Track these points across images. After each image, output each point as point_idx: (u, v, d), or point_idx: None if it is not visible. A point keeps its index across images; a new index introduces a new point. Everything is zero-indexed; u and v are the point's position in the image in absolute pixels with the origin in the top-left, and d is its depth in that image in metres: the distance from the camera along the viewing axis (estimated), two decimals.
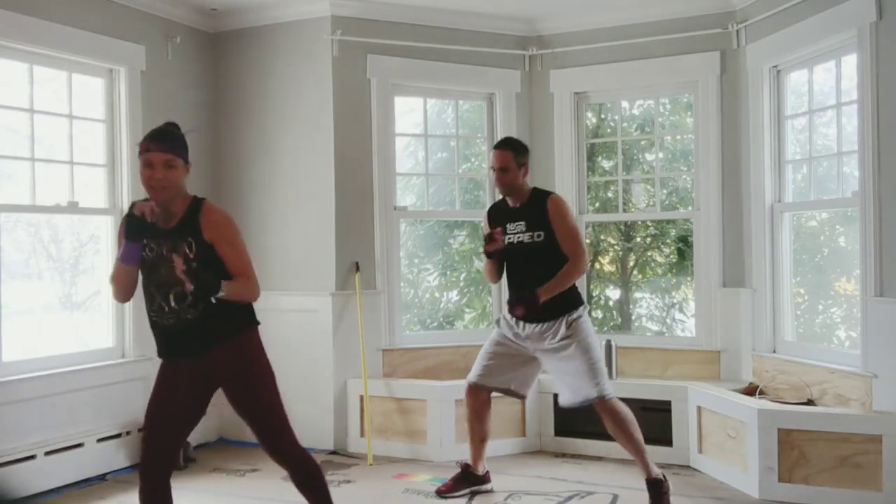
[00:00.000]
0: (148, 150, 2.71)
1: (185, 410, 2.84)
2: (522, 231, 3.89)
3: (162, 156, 2.70)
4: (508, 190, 3.95)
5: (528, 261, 3.88)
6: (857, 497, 3.76)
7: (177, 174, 2.74)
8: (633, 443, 3.81)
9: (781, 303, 4.66)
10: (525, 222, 3.89)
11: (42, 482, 4.09)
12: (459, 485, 4.06)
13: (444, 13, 5.10)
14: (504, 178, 3.91)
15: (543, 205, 3.89)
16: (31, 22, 4.13)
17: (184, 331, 2.75)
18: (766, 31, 4.63)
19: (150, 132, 2.79)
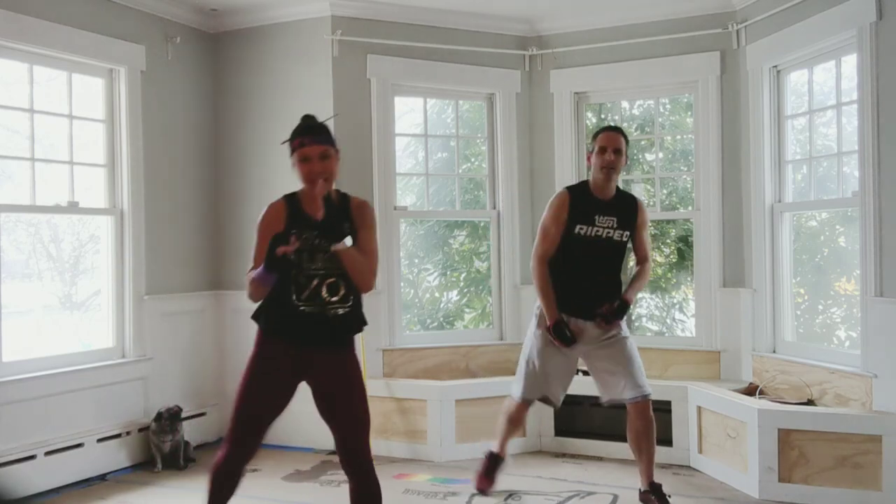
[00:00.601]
0: (302, 144, 2.74)
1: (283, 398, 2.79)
2: (613, 227, 3.82)
3: (318, 148, 2.73)
4: (612, 174, 3.80)
5: (608, 257, 3.84)
6: (857, 497, 3.76)
7: (333, 164, 2.76)
8: (652, 445, 3.83)
9: (781, 303, 4.66)
10: (617, 219, 3.82)
11: (42, 482, 4.09)
12: (493, 473, 4.10)
13: (444, 13, 5.10)
14: (616, 161, 3.77)
15: (635, 207, 3.89)
16: (31, 22, 4.13)
17: (328, 323, 2.74)
18: (766, 31, 4.63)
19: (298, 127, 2.80)
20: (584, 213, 3.80)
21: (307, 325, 2.74)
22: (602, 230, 3.81)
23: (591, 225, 3.80)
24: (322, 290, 2.72)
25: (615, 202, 3.85)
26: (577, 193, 3.88)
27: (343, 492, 4.16)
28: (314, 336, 2.76)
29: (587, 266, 3.82)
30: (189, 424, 4.79)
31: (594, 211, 3.81)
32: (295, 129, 2.80)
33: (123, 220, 4.67)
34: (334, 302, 2.74)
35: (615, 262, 3.87)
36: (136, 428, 4.62)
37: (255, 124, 5.16)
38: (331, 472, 4.46)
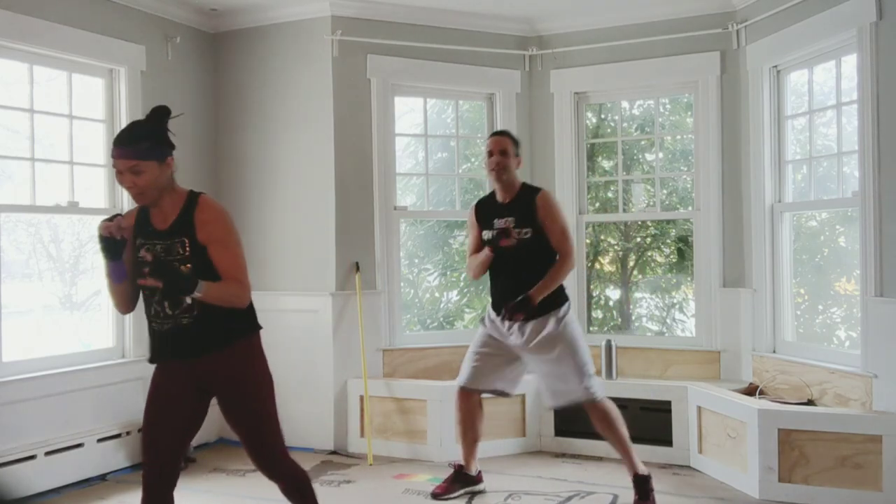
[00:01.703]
0: (112, 156, 2.57)
1: (183, 418, 2.71)
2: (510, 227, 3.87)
3: (125, 163, 2.54)
4: (502, 176, 3.90)
5: (515, 258, 3.84)
6: (857, 497, 3.76)
7: (147, 178, 2.55)
8: (621, 440, 3.84)
9: (781, 303, 4.66)
10: (514, 218, 3.87)
11: (42, 482, 4.09)
12: (453, 486, 4.06)
13: (444, 13, 5.10)
14: (503, 162, 3.87)
15: (532, 201, 3.87)
16: (31, 22, 4.13)
17: (180, 335, 2.64)
18: (766, 31, 4.63)
19: (115, 137, 2.64)
20: (485, 219, 3.97)
21: (161, 341, 2.69)
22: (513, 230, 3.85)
23: (491, 229, 3.90)
24: (165, 305, 2.62)
25: (514, 201, 3.92)
26: (481, 202, 4.11)
27: (343, 492, 4.19)
28: (173, 350, 2.68)
29: (500, 269, 3.92)
30: None
31: (493, 214, 3.94)
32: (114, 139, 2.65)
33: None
34: (177, 314, 2.62)
35: (526, 261, 3.83)
36: (136, 428, 4.60)
37: (255, 124, 5.16)
38: (331, 472, 4.46)
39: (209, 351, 2.66)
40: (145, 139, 2.58)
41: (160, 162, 2.59)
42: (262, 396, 2.72)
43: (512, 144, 3.94)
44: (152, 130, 2.63)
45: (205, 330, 2.63)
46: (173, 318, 2.63)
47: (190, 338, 2.64)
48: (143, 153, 2.55)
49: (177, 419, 2.69)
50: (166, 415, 2.69)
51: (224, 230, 2.64)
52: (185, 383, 2.70)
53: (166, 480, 2.68)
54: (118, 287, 2.69)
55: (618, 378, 4.86)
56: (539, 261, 3.83)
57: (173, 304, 2.62)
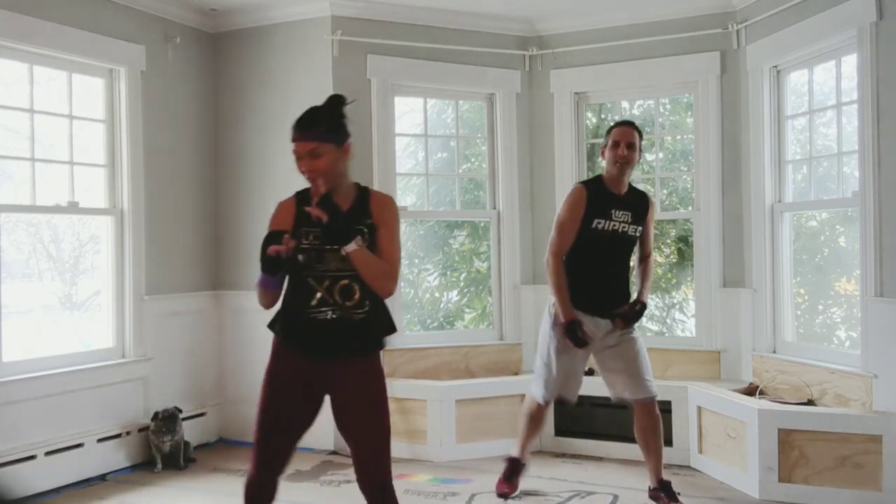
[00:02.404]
0: (293, 140, 2.54)
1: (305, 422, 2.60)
2: (628, 222, 3.83)
3: (305, 146, 2.51)
4: (626, 169, 3.79)
5: (622, 252, 3.88)
6: (857, 497, 3.76)
7: (326, 162, 2.50)
8: (660, 443, 3.85)
9: (781, 303, 4.66)
10: (631, 214, 3.83)
11: (42, 482, 4.09)
12: (516, 479, 4.07)
13: (444, 13, 5.10)
14: (630, 156, 3.76)
15: (646, 203, 3.93)
16: (31, 22, 4.13)
17: (347, 329, 2.53)
18: (766, 32, 4.63)
19: (298, 118, 2.58)
20: (601, 207, 3.77)
21: (319, 333, 2.54)
22: (619, 224, 3.81)
23: (609, 219, 3.79)
24: (334, 293, 2.52)
25: (629, 197, 3.87)
26: (592, 188, 3.84)
27: (343, 492, 4.18)
28: (327, 346, 2.55)
29: (603, 261, 3.82)
30: (189, 424, 4.79)
31: (611, 206, 3.79)
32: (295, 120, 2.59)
33: (123, 220, 4.66)
34: (348, 307, 2.53)
35: (627, 258, 3.92)
36: (136, 428, 4.62)
37: (255, 124, 5.16)
38: (331, 473, 4.46)
39: (369, 351, 2.59)
40: (322, 122, 2.56)
41: (338, 146, 2.55)
42: (387, 406, 2.62)
43: (639, 138, 3.82)
44: (329, 114, 2.59)
45: (368, 331, 2.57)
46: (344, 308, 2.52)
47: (350, 336, 2.54)
48: (323, 136, 2.53)
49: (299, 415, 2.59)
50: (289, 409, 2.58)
51: (396, 219, 2.63)
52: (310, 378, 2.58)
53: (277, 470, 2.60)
54: (272, 293, 2.58)
55: None
56: (629, 259, 3.93)
57: (344, 294, 2.52)
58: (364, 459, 2.58)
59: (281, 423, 2.58)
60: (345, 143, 2.58)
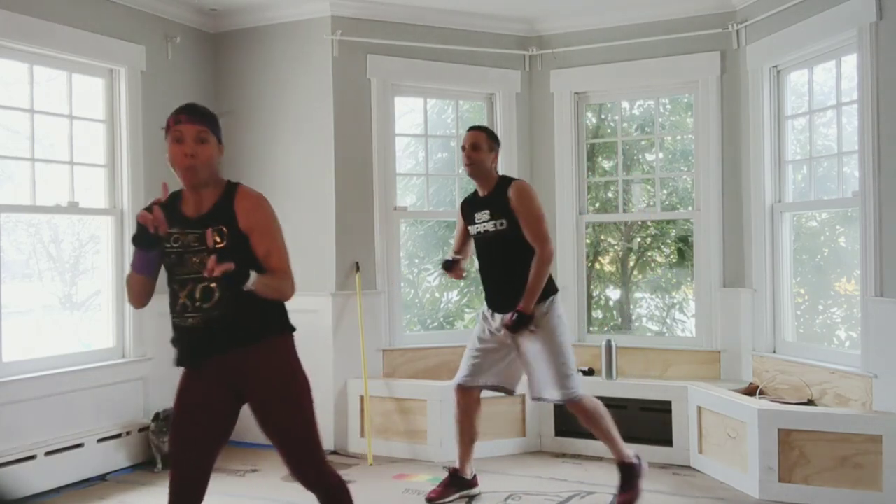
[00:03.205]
0: (177, 122, 2.39)
1: (213, 428, 2.50)
2: (487, 220, 3.85)
3: (193, 128, 2.38)
4: (474, 170, 3.86)
5: (494, 251, 3.85)
6: (857, 497, 3.76)
7: (210, 150, 2.41)
8: (604, 433, 3.84)
9: (782, 303, 4.66)
10: (489, 210, 3.85)
11: (42, 482, 4.09)
12: (448, 490, 4.01)
13: (444, 13, 5.10)
14: (474, 156, 3.83)
15: (505, 192, 3.83)
16: (31, 22, 4.13)
17: (209, 330, 2.42)
18: (766, 31, 4.63)
19: (179, 107, 2.46)
20: (469, 214, 3.97)
21: (186, 339, 2.45)
22: (480, 225, 3.88)
23: (473, 223, 3.93)
24: (195, 296, 2.41)
25: (491, 194, 3.89)
26: (467, 199, 4.06)
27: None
28: (195, 351, 2.46)
29: (483, 263, 3.96)
30: None
31: (474, 209, 3.94)
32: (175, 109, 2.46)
33: (123, 220, 4.66)
34: (206, 308, 2.40)
35: (504, 255, 3.82)
36: (136, 428, 4.62)
37: (255, 124, 5.16)
38: None
39: (243, 344, 2.45)
40: (213, 116, 2.49)
41: (218, 142, 2.48)
42: (297, 397, 2.50)
43: (486, 139, 3.88)
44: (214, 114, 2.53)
45: (236, 323, 2.43)
46: (203, 311, 2.41)
47: (220, 331, 2.42)
48: (212, 125, 2.45)
49: (206, 429, 2.49)
50: (195, 425, 2.48)
51: (267, 217, 2.49)
52: (215, 387, 2.49)
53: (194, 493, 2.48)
54: (139, 278, 2.47)
55: (618, 378, 4.85)
56: (518, 255, 3.79)
57: (204, 297, 2.41)
58: (281, 456, 2.51)
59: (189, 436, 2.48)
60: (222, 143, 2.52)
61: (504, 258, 3.83)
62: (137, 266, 2.47)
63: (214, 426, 2.51)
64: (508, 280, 3.81)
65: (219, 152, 2.48)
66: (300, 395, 2.52)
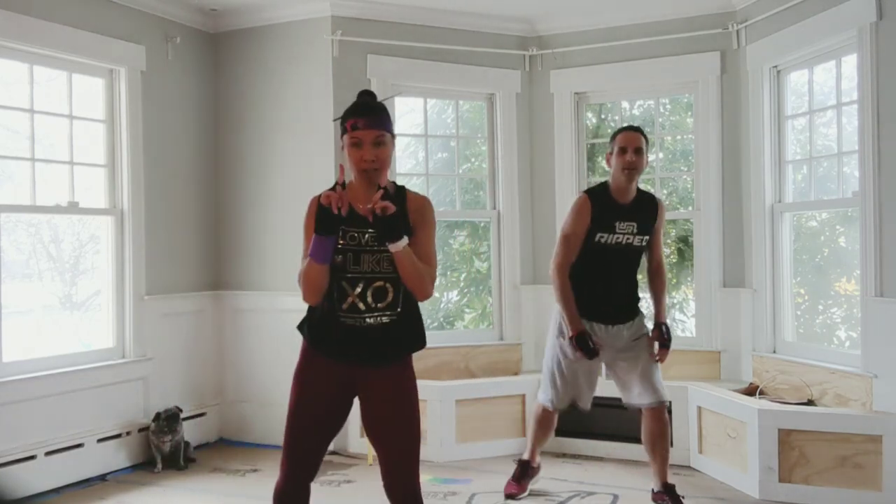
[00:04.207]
0: (354, 127, 2.36)
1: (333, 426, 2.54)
2: (633, 233, 3.72)
3: (371, 133, 2.35)
4: (633, 175, 3.68)
5: (628, 263, 3.77)
6: (857, 497, 3.76)
7: (387, 152, 2.39)
8: (666, 448, 3.79)
9: (782, 303, 4.66)
10: (636, 224, 3.72)
11: (42, 482, 4.09)
12: (526, 482, 4.04)
13: (444, 13, 5.10)
14: (636, 162, 3.65)
15: (655, 209, 3.78)
16: (31, 22, 4.13)
17: (373, 334, 2.43)
18: (766, 32, 4.63)
19: (352, 106, 2.41)
20: (605, 220, 3.69)
21: (349, 338, 2.44)
22: (623, 237, 3.71)
23: (612, 233, 3.69)
24: (367, 295, 2.41)
25: (635, 205, 3.74)
26: (597, 199, 3.73)
27: (343, 492, 4.18)
28: (357, 351, 2.46)
29: (608, 273, 3.75)
30: (189, 424, 4.79)
31: (615, 217, 3.70)
32: (349, 108, 2.43)
33: (123, 220, 4.67)
34: (379, 308, 2.42)
35: (633, 267, 3.84)
36: (136, 428, 4.62)
37: (255, 124, 5.16)
38: (331, 473, 4.46)
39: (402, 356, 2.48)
40: (385, 111, 2.43)
41: (393, 137, 2.45)
42: (415, 420, 2.50)
43: (646, 143, 3.72)
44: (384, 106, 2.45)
45: (398, 335, 2.46)
46: (373, 311, 2.41)
47: (379, 340, 2.43)
48: (387, 124, 2.41)
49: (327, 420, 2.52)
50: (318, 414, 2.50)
51: (433, 218, 2.50)
52: (340, 382, 2.50)
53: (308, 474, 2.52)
54: (322, 268, 2.36)
55: None
56: (638, 266, 3.84)
57: (377, 296, 2.41)
58: (391, 468, 2.49)
59: (311, 425, 2.50)
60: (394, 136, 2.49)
61: (632, 272, 3.82)
62: (320, 255, 2.34)
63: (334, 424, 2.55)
64: (631, 291, 3.82)
65: (393, 148, 2.47)
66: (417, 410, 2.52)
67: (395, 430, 2.48)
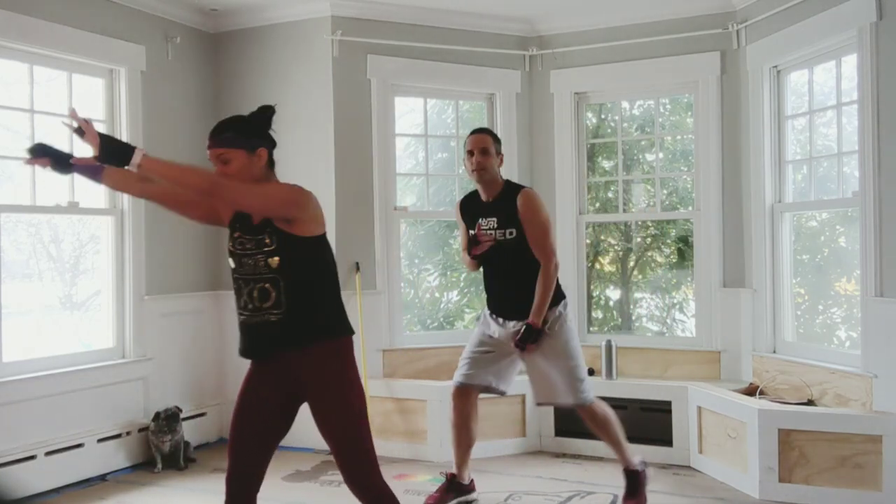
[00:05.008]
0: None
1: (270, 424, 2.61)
2: (494, 228, 3.78)
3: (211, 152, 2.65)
4: (484, 175, 3.78)
5: (500, 258, 3.78)
6: (857, 497, 3.76)
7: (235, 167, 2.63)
8: (613, 438, 3.82)
9: (782, 303, 4.66)
10: (497, 218, 3.78)
11: (42, 482, 4.09)
12: (447, 496, 3.95)
13: (444, 13, 5.10)
14: (483, 161, 3.74)
15: (514, 201, 3.75)
16: (31, 22, 4.13)
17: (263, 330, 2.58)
18: (766, 32, 4.63)
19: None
20: (470, 218, 3.90)
21: (247, 336, 2.62)
22: (485, 233, 3.78)
23: (477, 230, 3.83)
24: (254, 296, 2.56)
25: (497, 200, 3.81)
26: (465, 200, 4.00)
27: (343, 492, 4.16)
28: (255, 347, 2.62)
29: (487, 269, 3.89)
30: (189, 424, 4.79)
31: (478, 214, 3.86)
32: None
33: (123, 220, 4.67)
34: (265, 308, 2.55)
35: (512, 263, 3.77)
36: (136, 428, 4.62)
37: None
38: (331, 472, 4.46)
39: (297, 346, 2.55)
40: (228, 130, 2.67)
41: (249, 152, 2.66)
42: (352, 404, 2.57)
43: (493, 142, 3.81)
44: (238, 123, 2.73)
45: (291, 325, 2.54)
46: (261, 311, 2.56)
47: (277, 332, 2.55)
48: (227, 142, 2.63)
49: (263, 424, 2.60)
50: (253, 419, 2.59)
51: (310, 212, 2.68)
52: (274, 386, 2.60)
53: (249, 486, 2.59)
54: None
55: (618, 378, 4.85)
56: (525, 264, 3.74)
57: (262, 297, 2.55)
58: (337, 461, 2.58)
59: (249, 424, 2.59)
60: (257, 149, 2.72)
61: (511, 266, 3.78)
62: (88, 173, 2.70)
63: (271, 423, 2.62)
64: (514, 288, 3.78)
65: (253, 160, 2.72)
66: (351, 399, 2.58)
67: (330, 425, 2.57)
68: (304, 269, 2.56)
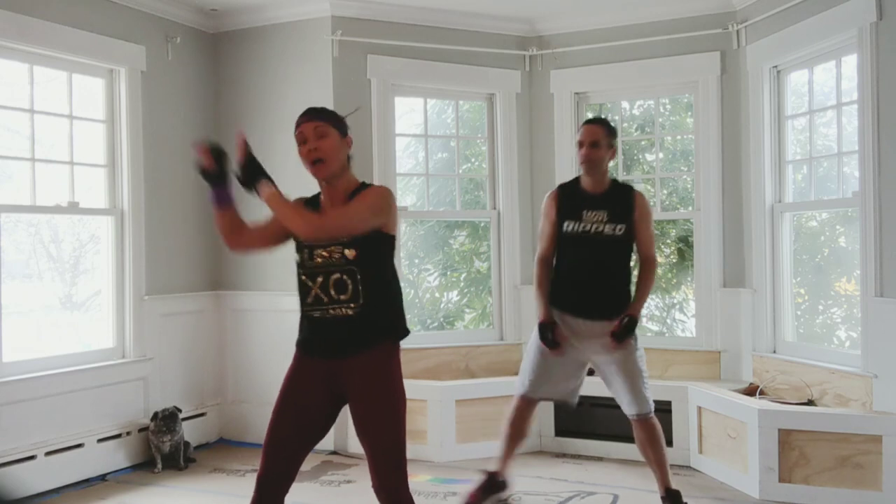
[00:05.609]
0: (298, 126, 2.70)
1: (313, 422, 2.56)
2: (603, 221, 3.65)
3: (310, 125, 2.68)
4: (593, 168, 3.67)
5: (604, 253, 3.66)
6: (857, 497, 3.76)
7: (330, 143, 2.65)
8: (659, 456, 3.68)
9: (782, 303, 4.66)
10: (608, 212, 3.66)
11: (42, 482, 4.09)
12: (485, 494, 3.83)
13: (444, 13, 5.10)
14: (593, 154, 3.65)
15: (631, 199, 3.68)
16: (31, 22, 4.13)
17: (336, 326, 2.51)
18: (766, 32, 4.63)
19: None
20: (571, 209, 3.72)
21: (317, 332, 2.52)
22: (591, 225, 3.67)
23: (579, 221, 3.69)
24: (329, 288, 2.48)
25: (607, 195, 3.71)
26: (565, 190, 3.83)
27: (343, 492, 4.18)
28: (325, 346, 2.52)
29: (580, 263, 3.71)
30: (189, 424, 4.79)
31: (582, 206, 3.70)
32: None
33: (123, 220, 4.67)
34: (342, 300, 2.48)
35: (612, 259, 3.69)
36: (136, 428, 4.62)
37: (254, 124, 5.15)
38: (331, 472, 4.46)
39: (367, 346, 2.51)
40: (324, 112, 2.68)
41: (341, 135, 2.63)
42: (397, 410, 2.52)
43: (605, 135, 3.68)
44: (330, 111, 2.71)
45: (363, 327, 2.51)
46: (338, 303, 2.48)
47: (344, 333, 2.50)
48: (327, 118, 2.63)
49: (306, 425, 2.54)
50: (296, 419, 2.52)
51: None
52: (324, 385, 2.53)
53: (281, 483, 2.51)
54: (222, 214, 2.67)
55: None
56: (624, 261, 3.69)
57: (338, 288, 2.48)
58: (374, 468, 2.47)
59: (290, 424, 2.51)
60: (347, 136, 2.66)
61: (611, 263, 3.68)
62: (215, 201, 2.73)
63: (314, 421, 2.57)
64: (609, 285, 3.68)
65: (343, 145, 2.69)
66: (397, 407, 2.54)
67: (373, 429, 2.48)
68: (379, 263, 2.53)
